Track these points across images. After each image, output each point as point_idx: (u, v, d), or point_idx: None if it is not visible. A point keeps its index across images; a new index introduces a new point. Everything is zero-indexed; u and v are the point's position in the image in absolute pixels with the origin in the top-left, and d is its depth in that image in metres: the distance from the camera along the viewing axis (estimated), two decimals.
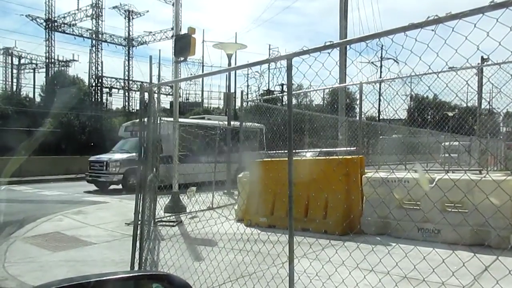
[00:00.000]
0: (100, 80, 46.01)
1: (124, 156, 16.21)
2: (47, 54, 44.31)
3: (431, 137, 16.21)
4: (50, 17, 43.14)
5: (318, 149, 10.13)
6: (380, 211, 6.38)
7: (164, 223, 8.71)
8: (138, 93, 48.27)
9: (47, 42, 43.75)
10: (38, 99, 42.56)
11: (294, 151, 3.50)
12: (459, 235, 4.63)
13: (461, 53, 2.53)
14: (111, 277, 1.41)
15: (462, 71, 7.69)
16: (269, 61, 3.38)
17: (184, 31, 10.40)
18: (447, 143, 15.54)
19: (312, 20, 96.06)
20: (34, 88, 47.78)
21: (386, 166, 8.56)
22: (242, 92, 13.69)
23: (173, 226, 8.40)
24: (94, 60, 45.39)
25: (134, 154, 14.77)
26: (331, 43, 2.97)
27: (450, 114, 18.73)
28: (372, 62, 30.09)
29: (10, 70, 49.20)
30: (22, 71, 50.21)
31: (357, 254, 3.51)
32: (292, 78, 3.32)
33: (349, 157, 7.83)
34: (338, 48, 8.34)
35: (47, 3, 42.80)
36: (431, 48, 2.69)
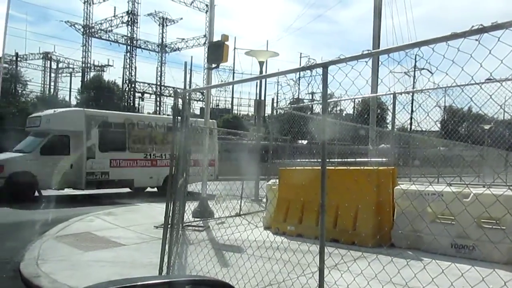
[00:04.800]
0: (133, 85, 47.08)
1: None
2: (84, 59, 45.83)
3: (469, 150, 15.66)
4: (87, 23, 44.63)
5: (350, 159, 9.97)
6: (412, 224, 6.21)
7: (192, 227, 8.77)
8: (169, 98, 49.31)
9: (84, 47, 45.29)
10: (74, 102, 43.96)
11: (328, 160, 3.45)
12: (500, 252, 4.44)
13: (507, 64, 2.44)
14: (158, 280, 1.39)
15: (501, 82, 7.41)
16: (304, 68, 3.35)
17: (216, 38, 10.48)
18: None
19: (343, 29, 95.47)
20: (70, 91, 49.48)
21: (419, 178, 8.33)
22: (272, 99, 13.70)
23: (201, 231, 8.45)
24: (128, 66, 46.56)
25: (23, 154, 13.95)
26: (369, 51, 2.93)
27: (486, 127, 18.12)
28: (405, 72, 29.53)
29: (48, 73, 51.07)
30: (60, 75, 52.06)
31: (390, 268, 3.41)
32: (327, 87, 3.28)
33: (381, 168, 7.68)
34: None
35: (85, 10, 44.35)
36: (474, 59, 2.61)
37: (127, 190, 16.34)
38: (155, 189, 16.65)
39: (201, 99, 42.44)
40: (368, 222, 6.80)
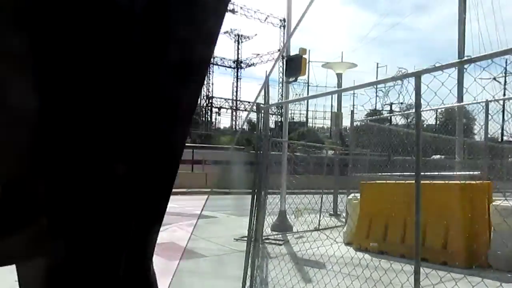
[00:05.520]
0: (210, 101, 48.91)
1: None
2: None
3: None
4: None
5: (436, 173, 9.40)
6: None
7: (271, 241, 8.75)
8: (244, 112, 50.42)
9: None
10: None
11: (423, 173, 3.27)
12: None
13: None
14: None
15: None
16: (395, 79, 3.22)
17: (292, 52, 10.49)
18: None
19: (421, 36, 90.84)
20: None
21: None
22: (352, 111, 13.41)
23: (280, 244, 8.40)
24: (206, 82, 48.51)
25: None
26: (469, 57, 2.73)
27: None
28: (494, 78, 27.42)
29: None
30: None
31: None
32: (421, 96, 3.11)
33: (474, 182, 7.12)
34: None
35: None
36: None
37: None
38: None
39: (276, 113, 42.86)
40: (461, 240, 6.31)
